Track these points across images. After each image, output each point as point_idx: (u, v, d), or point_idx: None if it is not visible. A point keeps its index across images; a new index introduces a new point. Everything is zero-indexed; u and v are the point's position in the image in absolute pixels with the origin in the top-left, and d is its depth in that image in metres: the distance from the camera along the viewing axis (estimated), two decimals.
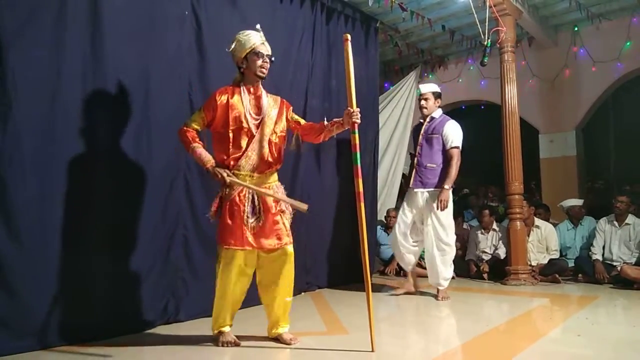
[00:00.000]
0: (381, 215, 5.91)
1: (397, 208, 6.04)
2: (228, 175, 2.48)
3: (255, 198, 2.54)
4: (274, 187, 2.65)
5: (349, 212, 4.67)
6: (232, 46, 2.57)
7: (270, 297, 2.66)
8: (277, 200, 2.60)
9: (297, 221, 4.18)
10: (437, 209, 3.81)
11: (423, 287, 4.23)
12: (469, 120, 9.00)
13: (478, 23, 4.56)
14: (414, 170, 3.99)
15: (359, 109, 2.59)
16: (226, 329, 2.61)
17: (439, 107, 4.11)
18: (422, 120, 4.11)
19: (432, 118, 4.02)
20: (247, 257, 2.55)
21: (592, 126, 6.75)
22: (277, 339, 2.67)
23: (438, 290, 3.92)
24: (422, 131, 4.01)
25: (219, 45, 3.46)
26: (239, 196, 2.52)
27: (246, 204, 2.51)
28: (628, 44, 5.84)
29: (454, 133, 3.92)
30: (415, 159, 4.03)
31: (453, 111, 7.87)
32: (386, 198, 6.20)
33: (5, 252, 2.45)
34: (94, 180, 2.82)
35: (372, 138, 5.19)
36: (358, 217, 2.56)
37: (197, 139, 2.58)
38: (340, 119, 2.64)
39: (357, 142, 2.60)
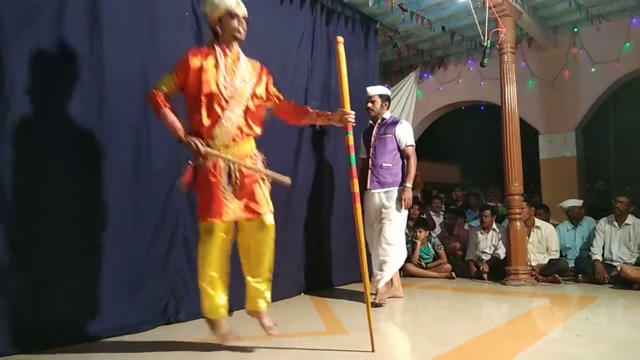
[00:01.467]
0: None
1: None
2: (202, 145, 2.32)
3: (231, 167, 2.39)
4: (251, 156, 2.50)
5: (347, 211, 4.67)
6: (205, 9, 2.42)
7: (250, 268, 2.53)
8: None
9: (296, 221, 4.23)
10: (401, 207, 3.78)
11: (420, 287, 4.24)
12: (469, 121, 9.06)
13: (478, 24, 4.56)
14: (369, 172, 3.92)
15: (354, 112, 2.56)
16: (221, 316, 2.48)
17: (388, 109, 4.10)
18: (371, 123, 4.07)
19: (383, 119, 4.01)
20: (227, 228, 2.43)
21: (591, 127, 6.76)
22: (257, 318, 2.57)
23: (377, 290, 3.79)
24: (373, 133, 3.98)
25: None
26: (214, 166, 2.38)
27: (223, 174, 2.37)
28: (627, 44, 5.84)
29: (406, 132, 3.95)
30: (370, 160, 3.98)
31: (453, 112, 7.90)
32: None
33: (2, 254, 2.45)
34: (94, 180, 2.83)
35: None
36: (354, 217, 2.56)
37: (168, 104, 2.41)
38: (330, 113, 2.58)
39: (352, 143, 2.59)
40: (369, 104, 4.01)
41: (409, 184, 3.81)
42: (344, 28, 4.89)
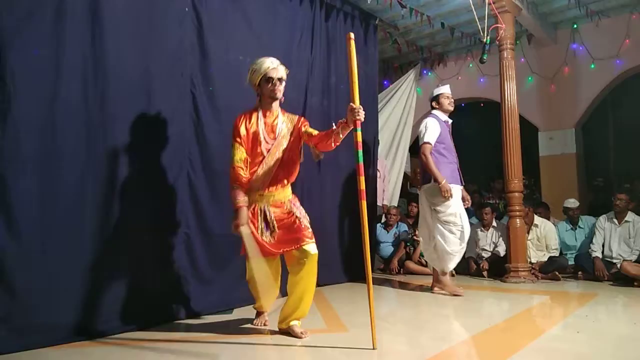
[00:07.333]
0: None
1: (398, 206, 6.07)
2: (242, 220, 2.56)
3: (267, 214, 2.66)
4: (286, 202, 2.73)
5: (348, 210, 4.67)
6: (249, 76, 2.73)
7: (293, 293, 2.70)
8: (289, 211, 2.71)
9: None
10: None
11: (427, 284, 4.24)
12: (469, 118, 9.04)
13: (477, 20, 4.55)
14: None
15: (362, 108, 2.57)
16: (264, 310, 2.98)
17: None
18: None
19: None
20: (272, 261, 2.75)
21: (591, 123, 6.75)
22: (288, 331, 2.71)
23: None
24: None
25: (221, 41, 3.47)
26: (253, 214, 2.67)
27: (259, 220, 2.66)
28: (627, 41, 5.83)
29: None
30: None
31: (453, 109, 7.87)
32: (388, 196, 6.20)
33: (5, 251, 2.44)
34: (96, 178, 2.81)
35: (371, 136, 5.18)
36: (360, 214, 2.55)
37: (243, 180, 2.63)
38: (344, 119, 2.60)
39: (360, 139, 2.59)
40: None
41: None
42: (343, 24, 4.87)
